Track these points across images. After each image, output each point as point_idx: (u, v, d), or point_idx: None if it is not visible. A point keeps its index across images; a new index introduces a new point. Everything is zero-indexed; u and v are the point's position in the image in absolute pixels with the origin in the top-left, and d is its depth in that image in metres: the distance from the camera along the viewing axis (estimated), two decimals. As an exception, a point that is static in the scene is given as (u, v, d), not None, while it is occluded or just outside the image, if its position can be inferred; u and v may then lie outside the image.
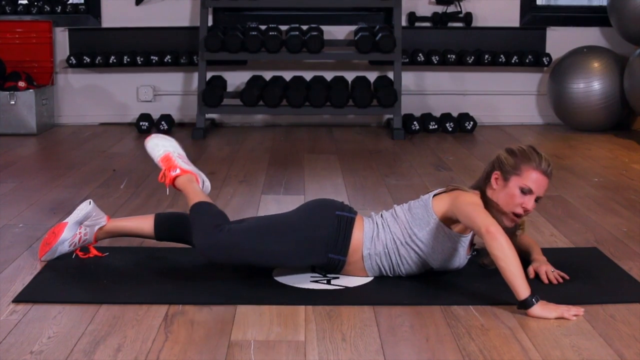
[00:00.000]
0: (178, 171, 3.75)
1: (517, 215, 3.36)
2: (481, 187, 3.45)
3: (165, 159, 3.79)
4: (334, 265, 3.47)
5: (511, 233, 3.38)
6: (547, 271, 3.50)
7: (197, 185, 3.73)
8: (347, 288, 3.43)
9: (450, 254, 3.44)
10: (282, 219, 3.56)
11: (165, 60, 7.63)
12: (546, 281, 3.46)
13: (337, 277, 3.52)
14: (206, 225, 3.46)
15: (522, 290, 3.10)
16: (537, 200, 3.37)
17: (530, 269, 3.50)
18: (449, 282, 3.47)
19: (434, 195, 3.48)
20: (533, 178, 3.35)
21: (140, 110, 7.68)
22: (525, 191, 3.33)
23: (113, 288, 3.42)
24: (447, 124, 7.46)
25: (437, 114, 7.66)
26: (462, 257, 3.49)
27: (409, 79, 7.80)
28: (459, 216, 3.33)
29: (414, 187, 5.24)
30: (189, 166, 3.80)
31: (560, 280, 3.48)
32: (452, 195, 3.42)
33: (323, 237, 3.42)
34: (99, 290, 3.40)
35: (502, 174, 3.39)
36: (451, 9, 7.82)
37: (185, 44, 7.73)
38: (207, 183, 3.84)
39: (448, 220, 3.40)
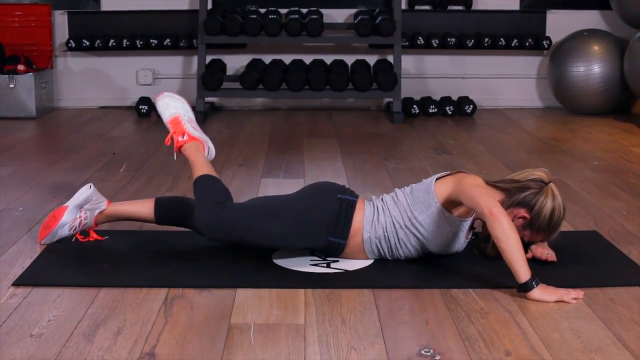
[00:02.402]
0: (186, 137, 3.71)
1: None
2: (508, 198, 3.41)
3: (175, 122, 3.76)
4: (334, 248, 3.47)
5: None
6: (542, 252, 3.51)
7: (203, 155, 3.70)
8: (346, 271, 3.43)
9: (449, 238, 3.44)
10: (284, 200, 3.56)
11: (165, 43, 7.61)
12: (538, 258, 3.50)
13: (337, 261, 3.53)
14: (209, 201, 3.45)
15: (523, 272, 3.10)
16: None
17: (529, 250, 3.51)
18: (448, 265, 3.48)
19: (437, 179, 3.48)
20: (538, 239, 3.50)
21: (140, 93, 7.67)
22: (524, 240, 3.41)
23: (113, 271, 3.42)
24: (447, 108, 7.46)
25: (437, 97, 7.65)
26: (461, 241, 3.49)
27: (408, 63, 7.79)
28: (461, 197, 3.32)
29: (414, 171, 5.24)
30: (197, 132, 3.76)
31: (549, 259, 3.48)
32: (456, 177, 3.42)
33: (324, 220, 3.42)
34: (98, 273, 3.41)
35: (530, 225, 3.42)
36: (451, -8, 7.81)
37: (185, 27, 7.72)
38: (213, 149, 3.81)
39: (449, 204, 3.40)
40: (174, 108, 3.80)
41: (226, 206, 3.44)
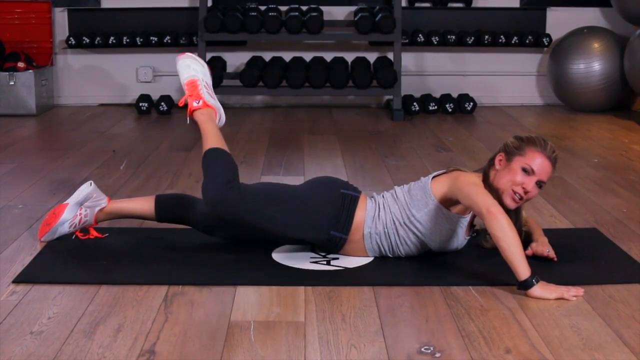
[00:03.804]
0: (200, 103, 3.67)
1: (518, 196, 3.35)
2: (485, 171, 3.45)
3: (191, 85, 3.72)
4: (334, 242, 3.47)
5: (516, 215, 3.40)
6: (542, 250, 3.51)
7: (215, 125, 3.67)
8: (346, 269, 3.43)
9: (448, 235, 3.45)
10: (291, 189, 3.55)
11: (165, 40, 7.61)
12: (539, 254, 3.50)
13: (337, 258, 3.53)
14: (218, 178, 3.43)
15: (523, 270, 3.10)
16: (540, 186, 3.36)
17: (529, 248, 3.51)
18: (449, 262, 3.48)
19: (434, 177, 3.48)
20: (536, 159, 3.34)
21: (140, 91, 7.67)
22: (527, 170, 3.33)
23: (113, 269, 3.42)
24: (447, 105, 7.45)
25: (437, 94, 7.65)
26: (460, 238, 3.49)
27: (408, 60, 7.78)
28: (459, 197, 3.33)
29: (414, 168, 5.24)
30: (212, 99, 3.73)
31: (549, 256, 3.49)
32: (452, 176, 3.42)
33: (327, 213, 3.43)
34: (99, 270, 3.41)
35: (506, 155, 3.38)
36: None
37: (185, 24, 7.72)
38: (224, 117, 3.79)
39: (447, 202, 3.41)
40: (193, 70, 3.76)
41: (235, 185, 3.42)
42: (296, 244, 3.63)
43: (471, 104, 7.47)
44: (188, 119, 3.74)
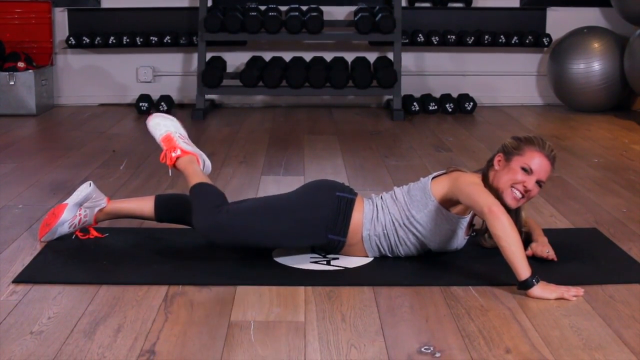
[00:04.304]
0: (179, 152, 3.74)
1: (519, 195, 3.35)
2: (484, 171, 3.45)
3: (167, 139, 3.79)
4: (333, 245, 3.48)
5: (516, 215, 3.40)
6: (542, 251, 3.51)
7: (197, 166, 3.73)
8: (346, 269, 3.43)
9: (448, 235, 3.45)
10: (283, 199, 3.56)
11: (165, 40, 7.61)
12: (538, 256, 3.49)
13: (337, 258, 3.53)
14: (206, 206, 3.47)
15: (523, 270, 3.10)
16: (540, 185, 3.36)
17: (529, 248, 3.51)
18: (448, 262, 3.48)
19: (433, 178, 3.48)
20: (534, 159, 3.34)
21: (140, 91, 7.67)
22: (526, 170, 3.33)
23: (113, 269, 3.42)
24: (447, 105, 7.45)
25: (437, 94, 7.65)
26: (460, 238, 3.50)
27: (408, 60, 7.78)
28: (460, 197, 3.33)
29: (414, 168, 5.24)
30: (190, 147, 3.79)
31: (548, 258, 3.48)
32: (452, 176, 3.42)
33: (323, 218, 3.43)
34: (98, 270, 3.41)
35: (505, 155, 3.38)
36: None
37: (185, 24, 7.71)
38: (208, 163, 3.85)
39: (447, 202, 3.41)
40: (164, 127, 3.84)
41: (223, 209, 3.45)
42: (297, 248, 3.63)
43: (471, 104, 7.47)
44: (170, 171, 3.79)
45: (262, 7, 7.58)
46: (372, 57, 7.67)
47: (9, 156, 5.58)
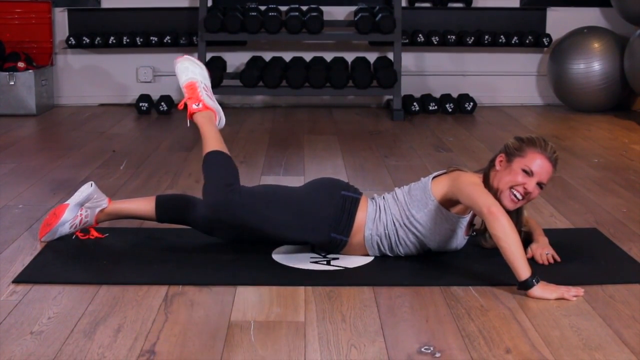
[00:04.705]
0: (200, 105, 3.68)
1: (517, 197, 3.35)
2: (485, 171, 3.45)
3: (191, 87, 3.72)
4: (335, 244, 3.48)
5: (517, 215, 3.40)
6: (541, 254, 3.50)
7: (215, 127, 3.68)
8: (346, 269, 3.43)
9: (448, 235, 3.45)
10: (291, 191, 3.56)
11: (165, 40, 7.61)
12: (540, 262, 3.47)
13: (337, 258, 3.53)
14: (218, 181, 3.44)
15: (523, 270, 3.10)
16: (541, 187, 3.36)
17: (529, 249, 3.50)
18: (449, 262, 3.48)
19: (434, 178, 3.48)
20: (536, 160, 3.34)
21: (140, 91, 7.67)
22: (527, 172, 3.33)
23: (113, 269, 3.42)
24: (447, 105, 7.45)
25: (437, 94, 7.65)
26: (459, 238, 3.50)
27: (408, 60, 7.78)
28: (459, 197, 3.33)
29: (414, 168, 5.24)
30: (211, 101, 3.73)
31: (552, 261, 3.49)
32: (452, 176, 3.42)
33: (327, 216, 3.43)
34: (99, 271, 3.41)
35: (507, 156, 3.38)
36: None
37: (185, 24, 7.71)
38: (224, 119, 3.80)
39: (447, 202, 3.41)
40: (192, 72, 3.75)
41: (236, 188, 3.43)
42: (297, 244, 3.63)
43: (471, 104, 7.47)
44: (188, 121, 3.74)
45: (262, 7, 7.58)
46: (372, 57, 7.67)
47: (9, 156, 5.58)
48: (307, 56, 7.65)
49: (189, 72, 3.75)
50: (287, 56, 7.66)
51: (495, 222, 3.13)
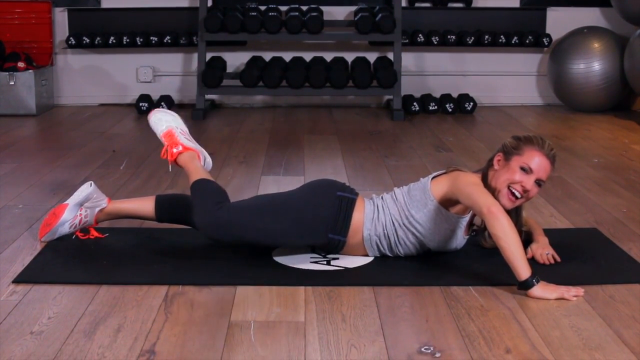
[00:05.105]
0: (180, 148, 3.75)
1: (516, 195, 3.34)
2: (484, 171, 3.45)
3: (168, 135, 3.79)
4: (334, 245, 3.48)
5: (516, 214, 3.40)
6: (541, 254, 3.50)
7: (198, 163, 3.73)
8: (346, 269, 3.43)
9: (447, 235, 3.45)
10: (284, 197, 3.56)
11: (165, 40, 7.61)
12: (540, 262, 3.47)
13: (337, 258, 3.53)
14: (207, 203, 3.46)
15: (523, 270, 3.10)
16: (539, 184, 3.36)
17: (529, 249, 3.50)
18: (449, 262, 3.48)
19: (433, 178, 3.48)
20: (534, 158, 3.34)
21: (140, 91, 7.67)
22: (525, 169, 3.33)
23: (113, 269, 3.42)
24: (447, 105, 7.45)
25: (437, 94, 7.65)
26: (459, 238, 3.50)
27: (408, 60, 7.78)
28: (459, 197, 3.33)
29: (414, 168, 5.24)
30: (191, 143, 3.80)
31: (552, 261, 3.49)
32: (452, 176, 3.42)
33: (323, 217, 3.43)
34: (99, 271, 3.41)
35: (505, 155, 3.38)
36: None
37: (185, 24, 7.71)
38: (209, 160, 3.85)
39: (446, 202, 3.41)
40: (166, 122, 3.85)
41: (224, 206, 3.45)
42: (297, 248, 3.63)
43: (471, 104, 7.47)
44: (170, 167, 3.80)
45: (262, 7, 7.58)
46: (372, 57, 7.67)
47: (9, 156, 5.58)
48: (307, 56, 7.65)
49: (163, 122, 3.86)
50: (287, 56, 7.66)
51: (495, 222, 3.13)
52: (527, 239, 3.53)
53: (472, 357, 2.64)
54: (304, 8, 7.60)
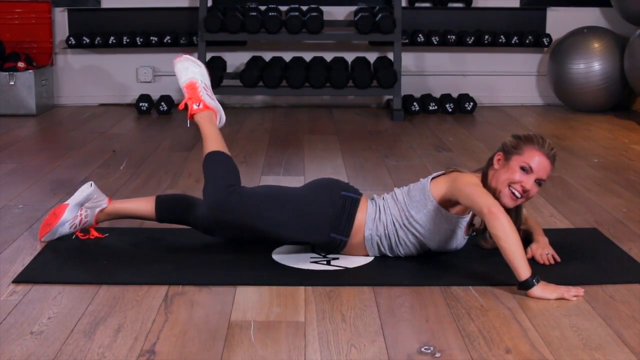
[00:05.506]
0: (201, 105, 3.69)
1: (516, 195, 3.34)
2: (484, 171, 3.45)
3: (191, 87, 3.72)
4: (335, 244, 3.47)
5: (516, 213, 3.40)
6: (541, 254, 3.50)
7: (216, 127, 3.68)
8: (346, 269, 3.43)
9: (447, 235, 3.45)
10: (291, 192, 3.56)
11: (165, 40, 7.61)
12: (540, 262, 3.47)
13: (337, 258, 3.53)
14: (219, 181, 3.44)
15: (523, 270, 3.10)
16: (539, 184, 3.36)
17: (528, 249, 3.50)
18: (449, 262, 3.48)
19: (433, 178, 3.48)
20: (534, 158, 3.34)
21: (140, 91, 7.67)
22: (525, 169, 3.33)
23: (113, 269, 3.42)
24: (447, 105, 7.45)
25: (437, 94, 7.65)
26: (459, 238, 3.50)
27: (408, 60, 7.78)
28: (459, 197, 3.33)
29: (414, 168, 5.24)
30: (212, 101, 3.74)
31: (552, 261, 3.48)
32: (451, 176, 3.42)
33: (327, 216, 3.43)
34: (99, 271, 3.41)
35: (505, 154, 3.38)
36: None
37: (185, 24, 7.71)
38: (224, 117, 3.80)
39: (446, 203, 3.41)
40: (191, 72, 3.76)
41: (237, 189, 3.43)
42: (298, 244, 3.63)
43: (471, 104, 7.47)
44: (188, 122, 3.74)
45: (262, 7, 7.58)
46: (372, 57, 7.67)
47: (9, 156, 5.58)
48: (307, 56, 7.65)
49: (189, 71, 3.76)
50: (287, 56, 7.66)
51: (496, 222, 3.13)
52: (527, 239, 3.53)
53: (472, 357, 2.64)
54: (304, 8, 7.60)
